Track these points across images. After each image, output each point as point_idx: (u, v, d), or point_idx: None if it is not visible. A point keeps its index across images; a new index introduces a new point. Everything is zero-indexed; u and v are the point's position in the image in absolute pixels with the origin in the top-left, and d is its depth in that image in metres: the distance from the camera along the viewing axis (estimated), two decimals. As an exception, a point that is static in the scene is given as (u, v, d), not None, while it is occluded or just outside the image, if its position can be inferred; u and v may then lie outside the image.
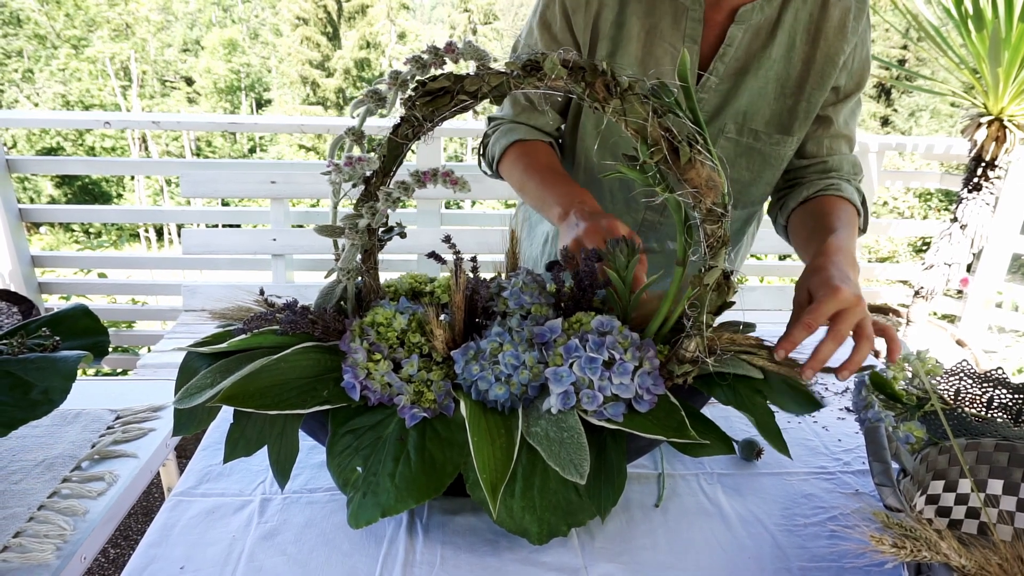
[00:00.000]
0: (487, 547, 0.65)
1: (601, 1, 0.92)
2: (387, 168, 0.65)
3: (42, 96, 17.22)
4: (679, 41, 0.90)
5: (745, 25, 0.89)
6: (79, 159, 2.53)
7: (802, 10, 0.88)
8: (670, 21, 0.90)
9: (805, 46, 0.90)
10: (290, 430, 0.62)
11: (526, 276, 0.70)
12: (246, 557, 0.63)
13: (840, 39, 0.89)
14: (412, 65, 0.60)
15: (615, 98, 0.54)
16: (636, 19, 0.91)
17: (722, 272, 0.59)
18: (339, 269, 0.67)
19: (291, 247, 2.38)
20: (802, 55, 0.90)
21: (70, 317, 0.88)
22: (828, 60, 0.90)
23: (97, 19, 18.62)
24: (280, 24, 23.45)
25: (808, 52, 0.90)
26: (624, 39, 0.92)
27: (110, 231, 14.78)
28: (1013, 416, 0.71)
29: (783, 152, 0.97)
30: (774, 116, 0.93)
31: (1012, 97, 2.36)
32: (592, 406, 0.60)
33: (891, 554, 0.44)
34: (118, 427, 0.97)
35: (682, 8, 0.89)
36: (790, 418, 0.92)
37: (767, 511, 0.72)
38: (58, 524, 0.77)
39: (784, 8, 0.88)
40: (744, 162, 0.97)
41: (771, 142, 0.95)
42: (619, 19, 0.92)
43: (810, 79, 0.91)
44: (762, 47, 0.90)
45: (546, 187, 0.93)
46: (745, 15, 0.88)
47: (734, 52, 0.90)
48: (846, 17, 0.88)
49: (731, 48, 0.90)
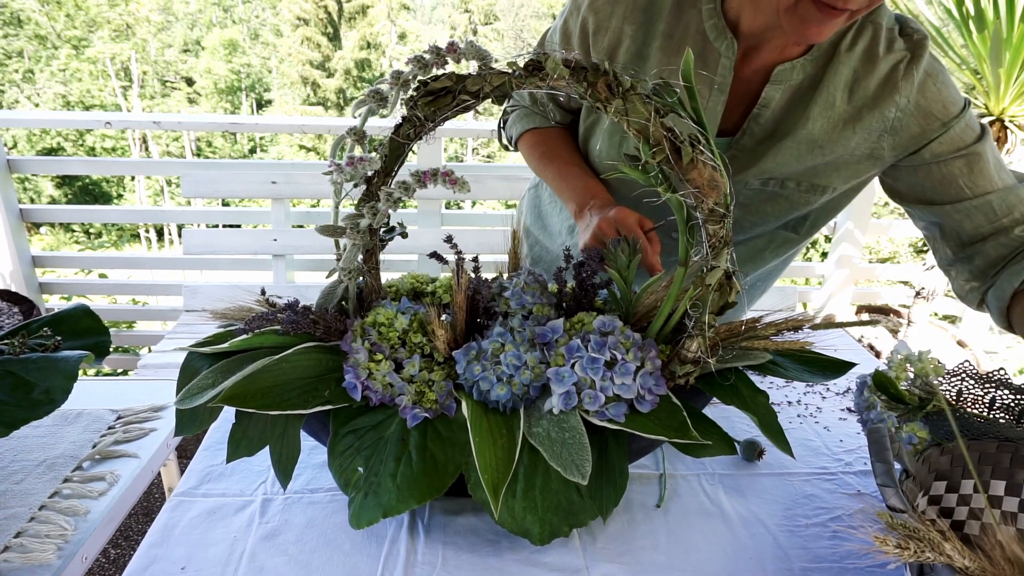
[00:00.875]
0: (488, 547, 0.65)
1: (623, 31, 0.87)
2: (389, 168, 0.65)
3: (43, 96, 17.24)
4: (707, 88, 0.84)
5: (782, 85, 0.82)
6: (79, 159, 2.53)
7: (845, 65, 0.81)
8: (699, 65, 0.84)
9: (846, 104, 0.82)
10: (292, 430, 0.62)
11: (528, 276, 0.70)
12: (247, 557, 0.63)
13: (888, 92, 0.81)
14: (414, 65, 0.60)
15: (617, 98, 0.54)
16: (663, 56, 0.85)
17: (724, 272, 0.59)
18: (340, 269, 0.67)
19: (292, 247, 2.38)
20: (843, 113, 0.82)
21: (71, 317, 0.88)
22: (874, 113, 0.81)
23: (98, 19, 18.63)
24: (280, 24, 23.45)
25: (849, 109, 0.82)
26: (646, 75, 0.86)
27: (111, 231, 14.80)
28: (1015, 417, 0.71)
29: (811, 199, 0.90)
30: (808, 171, 0.86)
31: (1013, 98, 2.36)
32: (594, 406, 0.60)
33: (895, 555, 0.44)
34: (119, 427, 0.97)
35: (715, 53, 0.83)
36: (791, 418, 0.92)
37: (769, 512, 0.72)
38: (59, 524, 0.77)
39: (827, 66, 0.81)
40: (769, 208, 0.91)
41: (800, 190, 0.89)
42: (642, 52, 0.86)
43: (856, 135, 0.83)
44: (801, 109, 0.83)
45: (561, 180, 0.94)
46: (782, 75, 0.82)
47: (770, 114, 0.84)
48: (895, 70, 0.80)
49: (766, 110, 0.84)
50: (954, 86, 0.83)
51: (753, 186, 0.89)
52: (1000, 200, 0.83)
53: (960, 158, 0.82)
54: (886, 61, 0.81)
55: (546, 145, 1.00)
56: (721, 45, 0.82)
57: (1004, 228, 0.84)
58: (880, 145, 0.84)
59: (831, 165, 0.86)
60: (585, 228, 0.81)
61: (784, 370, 0.67)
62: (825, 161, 0.85)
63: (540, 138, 1.02)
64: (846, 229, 2.69)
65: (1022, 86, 2.33)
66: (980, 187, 0.83)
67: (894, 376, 0.71)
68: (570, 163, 0.96)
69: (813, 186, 0.88)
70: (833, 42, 0.81)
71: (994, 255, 0.85)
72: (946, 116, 0.81)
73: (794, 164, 0.86)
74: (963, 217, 0.85)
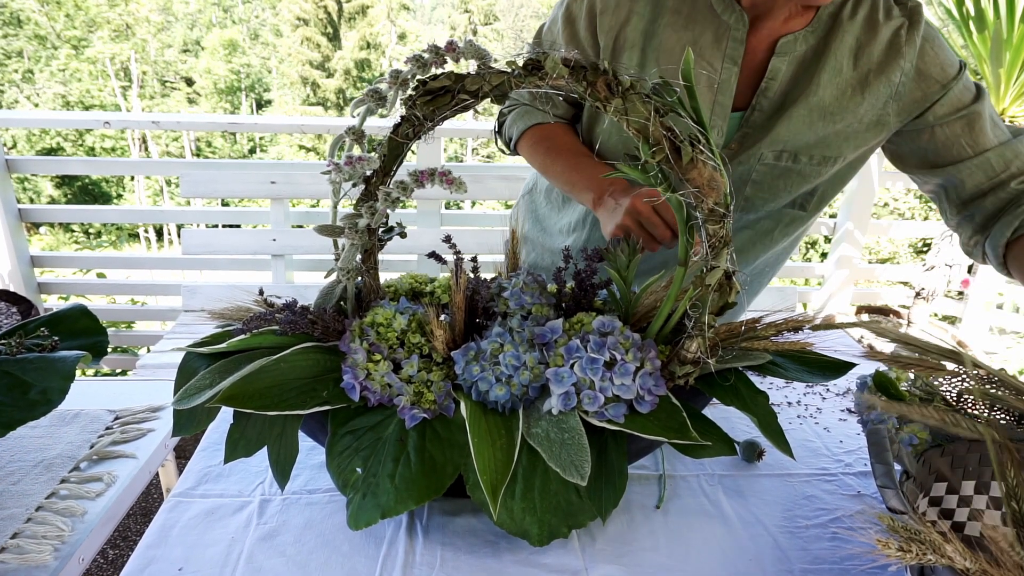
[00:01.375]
0: (487, 548, 0.65)
1: (631, 8, 0.88)
2: (387, 168, 0.65)
3: (42, 96, 17.23)
4: (719, 60, 0.86)
5: (788, 57, 0.85)
6: (79, 159, 2.53)
7: (848, 33, 0.84)
8: (711, 38, 0.86)
9: (852, 70, 0.85)
10: (290, 431, 0.61)
11: (527, 276, 0.70)
12: (245, 558, 0.63)
13: (892, 57, 0.84)
14: (413, 64, 0.60)
15: (617, 97, 0.54)
16: (672, 32, 0.87)
17: (724, 272, 0.59)
18: (339, 269, 0.67)
19: (291, 247, 2.37)
20: (850, 79, 0.85)
21: (69, 317, 0.88)
22: (880, 79, 0.84)
23: (97, 20, 18.63)
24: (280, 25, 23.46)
25: (855, 75, 0.85)
26: (658, 51, 0.88)
27: (110, 231, 14.79)
28: (1016, 418, 0.71)
29: (824, 171, 0.92)
30: (820, 141, 0.88)
31: (1014, 98, 2.36)
32: (593, 407, 0.60)
33: (896, 557, 0.44)
34: (117, 428, 0.97)
35: (724, 26, 0.85)
36: (791, 419, 0.92)
37: (768, 513, 0.72)
38: (56, 525, 0.76)
39: (830, 35, 0.84)
40: (781, 183, 0.93)
41: (812, 163, 0.91)
42: (650, 29, 0.88)
43: (865, 101, 0.86)
44: (808, 78, 0.85)
45: (573, 171, 0.92)
46: (786, 46, 0.85)
47: (778, 86, 0.87)
48: (896, 36, 0.84)
49: (774, 82, 0.86)
50: (949, 49, 0.87)
51: (767, 160, 0.90)
52: (998, 157, 0.86)
53: (961, 119, 0.86)
54: (887, 27, 0.84)
55: (550, 140, 0.99)
56: (730, 18, 0.85)
57: (1002, 183, 0.87)
58: (886, 111, 0.87)
59: (841, 134, 0.88)
60: (609, 215, 0.80)
61: (784, 371, 0.67)
62: (835, 130, 0.88)
63: (544, 134, 1.00)
64: (846, 230, 2.69)
65: (1022, 86, 2.33)
66: (980, 145, 0.86)
67: (894, 377, 0.71)
68: (579, 154, 0.95)
69: (825, 158, 0.90)
70: (833, 13, 0.85)
71: (992, 209, 0.88)
72: (945, 79, 0.85)
73: (806, 133, 0.88)
74: (965, 176, 0.88)
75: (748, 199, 0.95)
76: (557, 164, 0.95)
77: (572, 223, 1.10)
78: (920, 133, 0.88)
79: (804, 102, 0.86)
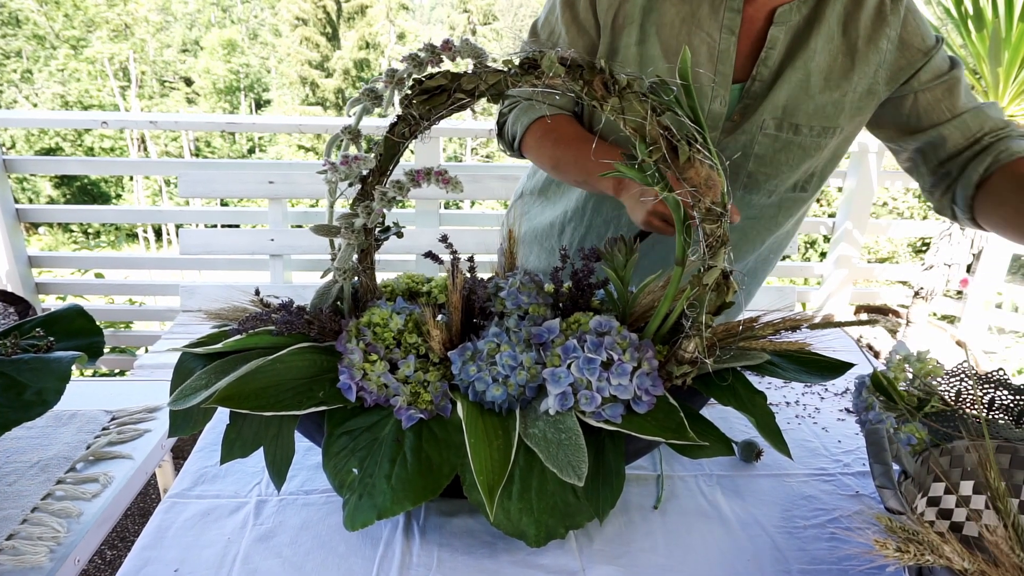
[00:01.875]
0: (484, 549, 0.65)
1: None
2: (384, 167, 0.64)
3: (41, 96, 17.22)
4: (716, 31, 0.88)
5: (785, 26, 0.88)
6: (77, 159, 2.52)
7: (838, 2, 0.88)
8: (708, 10, 0.88)
9: (841, 37, 0.89)
10: (286, 431, 0.61)
11: (523, 276, 0.69)
12: (241, 559, 0.63)
13: (879, 25, 0.88)
14: (409, 63, 0.60)
15: (613, 96, 0.54)
16: (670, 5, 0.89)
17: (721, 271, 0.59)
18: (335, 269, 0.67)
19: (289, 247, 2.37)
20: (841, 46, 0.89)
21: (65, 318, 0.87)
22: (871, 46, 0.89)
23: (96, 19, 18.61)
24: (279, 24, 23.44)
25: (845, 43, 0.89)
26: (657, 25, 0.90)
27: (108, 231, 14.78)
28: (1014, 418, 0.70)
29: (824, 142, 0.95)
30: (818, 110, 0.91)
31: (1012, 97, 2.36)
32: (590, 407, 0.59)
33: (894, 558, 0.44)
34: (113, 428, 0.97)
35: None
36: (789, 419, 0.92)
37: (766, 513, 0.72)
38: (52, 526, 0.76)
39: (821, 3, 0.88)
40: (783, 157, 0.94)
41: (812, 134, 0.93)
42: (648, 4, 0.89)
43: (856, 69, 0.90)
44: (804, 45, 0.89)
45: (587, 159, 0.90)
46: (783, 15, 0.88)
47: (776, 55, 0.89)
48: (882, 4, 0.88)
49: (773, 51, 0.89)
50: (925, 19, 0.92)
51: (769, 131, 0.92)
52: (973, 117, 0.92)
53: (942, 84, 0.91)
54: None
55: (557, 131, 0.97)
56: None
57: (977, 140, 0.92)
58: (876, 79, 0.91)
59: (838, 104, 0.92)
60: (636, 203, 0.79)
61: (782, 370, 0.67)
62: (833, 99, 0.91)
63: (549, 127, 0.98)
64: (845, 229, 2.69)
65: (1021, 85, 2.33)
66: (958, 107, 0.92)
67: (893, 376, 0.71)
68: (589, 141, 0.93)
69: (824, 129, 0.93)
70: None
71: (966, 160, 0.93)
72: (926, 47, 0.90)
73: (806, 101, 0.91)
74: (944, 138, 0.93)
75: (751, 176, 0.96)
76: (569, 154, 0.94)
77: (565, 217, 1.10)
78: (904, 99, 0.93)
79: (803, 68, 0.89)
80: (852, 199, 2.65)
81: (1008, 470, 0.62)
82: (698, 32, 0.89)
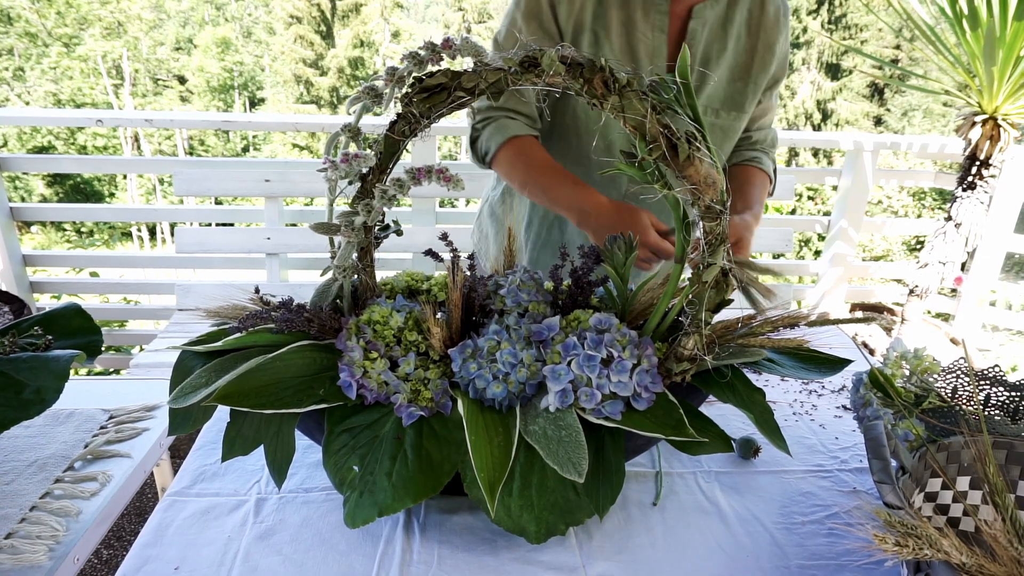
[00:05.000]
0: (485, 546, 0.65)
1: None
2: (383, 165, 0.64)
3: (33, 94, 17.10)
4: (649, 31, 1.01)
5: (702, 20, 1.01)
6: (71, 157, 2.51)
7: (743, 7, 1.04)
8: (641, 13, 1.00)
9: (748, 38, 1.05)
10: (286, 429, 0.61)
11: (523, 274, 0.70)
12: (241, 557, 0.63)
13: (775, 31, 1.06)
14: (409, 61, 0.60)
15: (613, 94, 0.54)
16: (614, 11, 1.00)
17: (721, 269, 0.59)
18: (335, 267, 0.67)
19: (285, 246, 2.36)
20: (746, 45, 1.06)
21: (62, 316, 0.87)
22: (767, 48, 1.06)
23: (89, 17, 18.50)
24: (273, 22, 23.34)
25: (751, 43, 1.06)
26: (606, 30, 1.00)
27: (102, 230, 14.70)
28: (1009, 414, 0.71)
29: (738, 126, 1.11)
30: (728, 98, 1.08)
31: (1007, 96, 2.37)
32: (590, 404, 0.60)
33: (893, 552, 0.44)
34: (111, 427, 0.96)
35: (652, 1, 0.99)
36: (787, 416, 0.92)
37: (765, 509, 0.72)
38: (50, 525, 0.76)
39: (732, 6, 1.03)
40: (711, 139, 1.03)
41: (728, 118, 1.09)
42: (598, 10, 1.00)
43: (755, 65, 1.06)
44: (718, 41, 1.04)
45: (554, 189, 0.99)
46: (701, 11, 1.01)
47: (699, 49, 1.03)
48: (778, 13, 1.06)
49: (694, 42, 1.02)
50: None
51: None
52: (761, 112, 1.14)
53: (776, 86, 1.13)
54: (771, 4, 1.05)
55: (527, 156, 1.03)
56: None
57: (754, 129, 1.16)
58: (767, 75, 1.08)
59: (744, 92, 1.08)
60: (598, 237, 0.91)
61: (780, 367, 0.67)
62: (739, 88, 1.08)
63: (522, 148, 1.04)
64: (840, 227, 2.70)
65: (1015, 84, 2.34)
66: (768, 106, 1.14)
67: (890, 373, 0.71)
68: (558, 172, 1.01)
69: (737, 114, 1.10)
70: None
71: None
72: (785, 58, 1.10)
73: (723, 88, 1.07)
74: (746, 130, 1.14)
75: None
76: (537, 183, 1.02)
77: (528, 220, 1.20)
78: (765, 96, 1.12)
79: (719, 60, 1.05)
80: (847, 197, 2.66)
81: (1004, 465, 0.63)
82: (635, 33, 1.01)
